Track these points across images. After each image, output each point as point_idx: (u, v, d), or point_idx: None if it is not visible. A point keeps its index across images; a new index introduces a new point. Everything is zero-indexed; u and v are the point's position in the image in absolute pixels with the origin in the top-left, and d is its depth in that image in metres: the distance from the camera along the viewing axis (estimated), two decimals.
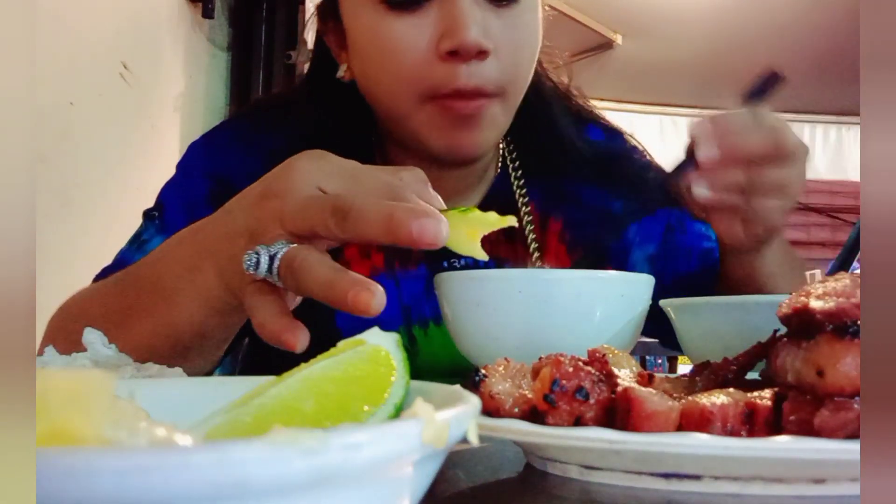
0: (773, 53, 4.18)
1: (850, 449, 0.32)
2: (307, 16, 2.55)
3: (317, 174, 0.50)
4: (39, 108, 1.56)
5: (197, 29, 2.28)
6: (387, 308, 0.80)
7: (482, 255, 0.50)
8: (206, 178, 0.85)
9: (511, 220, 0.50)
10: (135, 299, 0.63)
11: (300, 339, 0.44)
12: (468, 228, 0.50)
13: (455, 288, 0.63)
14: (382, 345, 0.32)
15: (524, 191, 0.90)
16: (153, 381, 0.41)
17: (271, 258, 0.46)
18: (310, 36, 0.90)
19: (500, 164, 0.92)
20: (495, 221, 0.50)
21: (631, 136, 0.99)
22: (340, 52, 0.83)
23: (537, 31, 0.79)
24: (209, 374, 0.70)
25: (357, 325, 0.36)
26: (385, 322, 0.35)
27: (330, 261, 0.45)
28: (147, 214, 0.85)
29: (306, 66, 0.95)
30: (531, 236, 0.88)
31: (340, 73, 0.82)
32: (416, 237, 0.43)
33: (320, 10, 0.84)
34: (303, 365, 0.31)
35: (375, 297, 0.42)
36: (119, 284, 0.68)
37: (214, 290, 0.55)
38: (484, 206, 0.59)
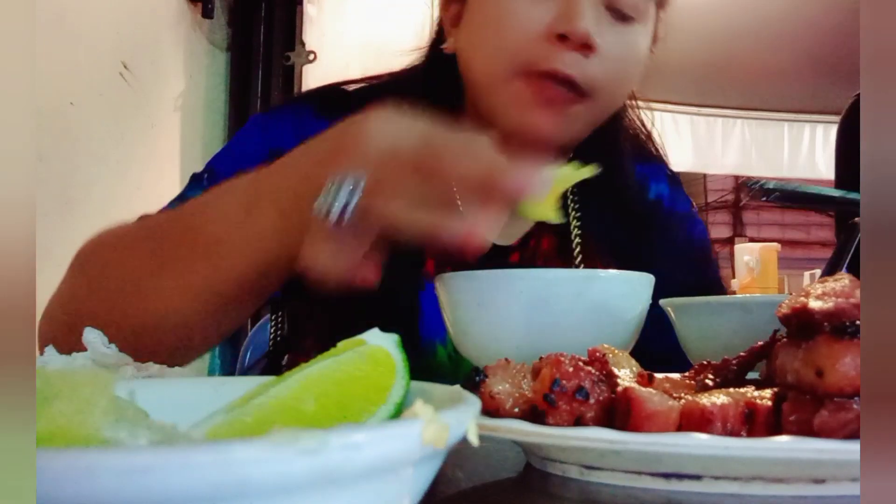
0: (773, 53, 4.19)
1: (850, 449, 0.32)
2: (305, 18, 2.55)
3: (391, 134, 0.49)
4: (39, 108, 1.56)
5: (196, 29, 2.28)
6: (437, 314, 0.80)
7: (556, 217, 0.50)
8: (264, 147, 0.84)
9: (589, 171, 0.51)
10: (173, 249, 0.61)
11: (373, 273, 0.47)
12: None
13: (456, 288, 0.63)
14: (382, 345, 0.32)
15: (578, 213, 0.91)
16: (153, 381, 0.41)
17: (347, 200, 0.46)
18: (308, 38, 0.91)
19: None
20: (572, 175, 0.50)
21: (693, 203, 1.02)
22: (451, 29, 0.86)
23: (642, 59, 0.83)
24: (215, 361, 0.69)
25: (439, 329, 0.36)
26: (434, 327, 0.35)
27: (407, 205, 0.46)
28: (194, 177, 0.83)
29: (305, 67, 0.96)
30: (578, 258, 0.88)
31: (446, 45, 0.86)
32: (515, 189, 0.45)
33: None
34: (303, 365, 0.31)
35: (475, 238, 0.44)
36: (156, 232, 0.65)
37: (268, 235, 0.55)
38: (542, 224, 0.60)
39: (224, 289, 0.59)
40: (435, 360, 0.82)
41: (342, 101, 0.89)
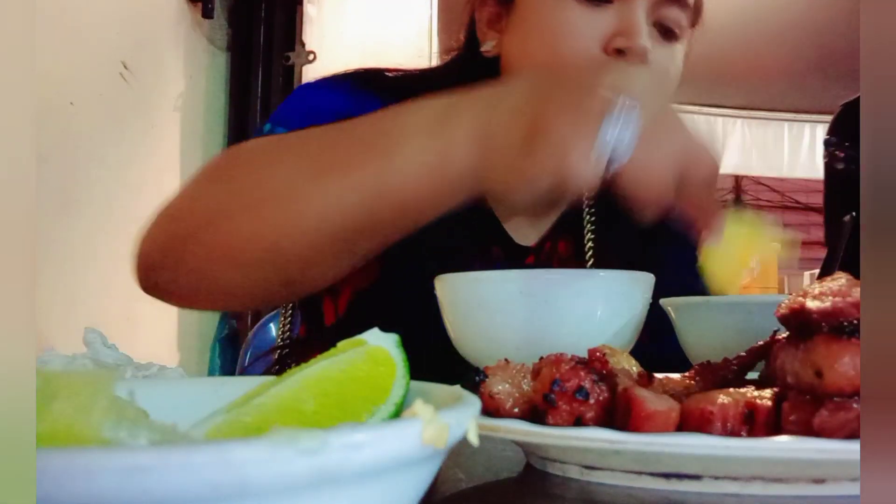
0: (773, 53, 4.19)
1: (850, 449, 0.32)
2: (305, 18, 2.55)
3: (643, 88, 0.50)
4: (39, 108, 1.56)
5: (196, 29, 2.29)
6: None
7: (734, 288, 0.53)
8: (333, 105, 0.81)
9: (783, 246, 0.54)
10: (343, 153, 0.58)
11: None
12: (741, 244, 0.50)
13: (455, 289, 0.63)
14: (382, 345, 0.32)
15: (593, 219, 0.91)
16: (153, 381, 0.41)
17: (625, 132, 0.48)
18: (308, 38, 0.91)
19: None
20: (771, 248, 0.50)
21: None
22: (488, 31, 0.86)
23: (678, 75, 0.85)
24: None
25: None
26: None
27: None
28: (262, 127, 0.82)
29: (305, 68, 0.95)
30: (591, 261, 0.88)
31: (486, 47, 0.85)
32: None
33: None
34: (303, 365, 0.31)
35: None
36: (320, 139, 0.62)
37: (458, 151, 0.53)
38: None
39: (393, 196, 0.56)
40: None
41: (380, 79, 0.88)
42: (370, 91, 0.84)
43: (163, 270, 0.66)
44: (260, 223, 0.59)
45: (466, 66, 0.89)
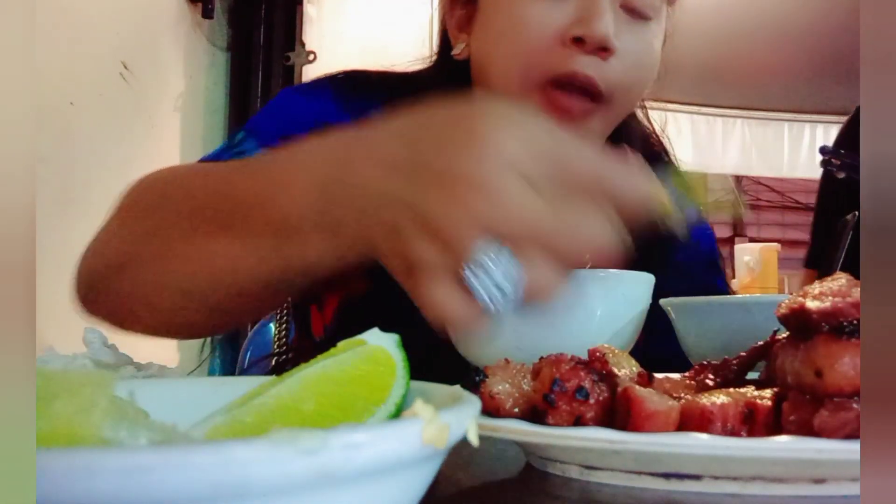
0: (773, 53, 4.18)
1: (850, 449, 0.32)
2: (305, 18, 2.56)
3: (520, 157, 0.40)
4: (39, 108, 1.56)
5: (197, 29, 2.29)
6: None
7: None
8: (310, 116, 0.80)
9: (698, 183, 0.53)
10: (232, 215, 0.54)
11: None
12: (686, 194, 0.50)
13: None
14: (382, 345, 0.32)
15: None
16: (153, 381, 0.41)
17: (503, 277, 0.39)
18: (308, 38, 0.90)
19: None
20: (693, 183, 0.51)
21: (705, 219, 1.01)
22: (459, 34, 0.85)
23: (657, 57, 0.82)
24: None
25: None
26: None
27: None
28: (229, 140, 0.80)
29: (305, 68, 0.95)
30: (588, 265, 0.88)
31: (457, 51, 0.84)
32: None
33: None
34: (302, 365, 0.31)
35: None
36: (213, 188, 0.58)
37: (348, 238, 0.47)
38: None
39: (285, 267, 0.52)
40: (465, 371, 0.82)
41: (365, 81, 0.87)
42: (354, 94, 0.84)
43: (92, 303, 0.65)
44: (168, 275, 0.57)
45: (442, 71, 0.88)
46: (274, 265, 0.52)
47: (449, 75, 0.86)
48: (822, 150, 0.72)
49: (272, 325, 1.30)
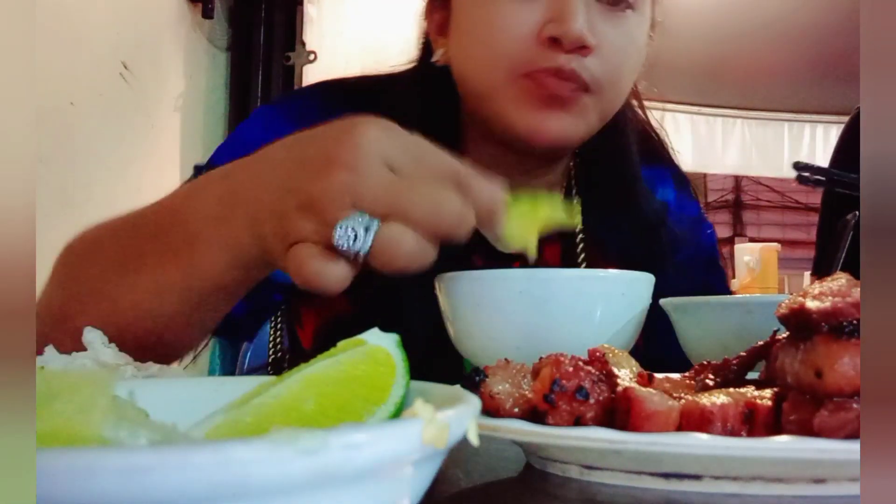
0: (773, 53, 4.19)
1: (850, 449, 0.32)
2: (305, 18, 2.56)
3: (385, 147, 0.47)
4: (39, 108, 1.56)
5: (197, 29, 2.29)
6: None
7: (531, 252, 0.50)
8: (266, 141, 0.82)
9: (571, 220, 0.52)
10: (150, 243, 0.59)
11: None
12: (526, 220, 0.51)
13: (455, 288, 0.63)
14: (382, 345, 0.32)
15: (583, 219, 0.89)
16: (153, 381, 0.41)
17: (366, 234, 0.45)
18: (309, 38, 0.90)
19: (564, 190, 0.91)
20: (553, 214, 0.52)
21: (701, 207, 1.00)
22: (438, 38, 0.84)
23: (643, 42, 0.80)
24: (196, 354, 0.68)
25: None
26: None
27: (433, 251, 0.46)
28: (197, 169, 0.82)
29: (305, 67, 0.95)
30: (583, 265, 0.87)
31: (436, 56, 0.84)
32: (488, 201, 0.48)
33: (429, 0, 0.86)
34: (302, 365, 0.31)
35: None
36: (133, 225, 0.62)
37: (244, 242, 0.52)
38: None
39: (201, 287, 0.57)
40: (463, 371, 0.82)
41: (347, 95, 0.87)
42: (333, 104, 0.84)
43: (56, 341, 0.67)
44: (99, 321, 0.56)
45: (423, 75, 0.87)
46: (185, 286, 0.57)
47: (429, 80, 0.85)
48: (796, 166, 0.71)
49: (268, 328, 1.30)
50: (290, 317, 0.93)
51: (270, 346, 0.95)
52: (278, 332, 0.94)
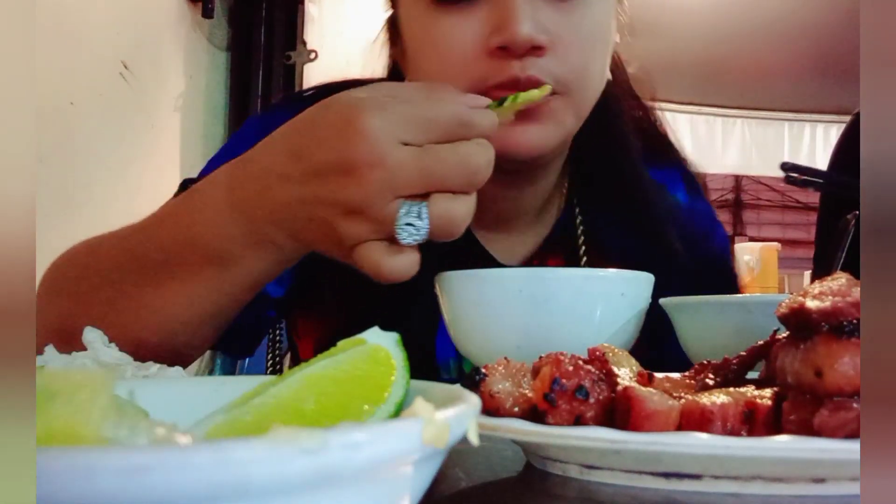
0: (773, 53, 4.18)
1: (850, 449, 0.32)
2: (306, 17, 2.55)
3: (393, 128, 0.48)
4: (39, 108, 1.56)
5: (197, 29, 2.28)
6: (440, 338, 0.77)
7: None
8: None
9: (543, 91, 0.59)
10: (175, 259, 0.59)
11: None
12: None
13: (455, 287, 0.63)
14: (382, 344, 0.32)
15: (583, 228, 0.87)
16: (153, 381, 0.41)
17: (422, 221, 0.48)
18: (309, 37, 0.90)
19: (565, 198, 0.89)
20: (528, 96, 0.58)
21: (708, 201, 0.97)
22: (404, 63, 0.81)
23: (606, 28, 0.75)
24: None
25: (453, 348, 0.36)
26: (446, 350, 0.35)
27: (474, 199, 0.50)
28: (185, 184, 0.81)
29: (306, 67, 0.95)
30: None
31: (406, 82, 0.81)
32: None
33: (388, 22, 0.84)
34: (303, 364, 0.31)
35: None
36: (139, 253, 0.62)
37: (291, 249, 0.55)
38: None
39: (233, 292, 0.59)
40: (449, 375, 0.81)
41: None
42: None
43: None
44: (116, 331, 0.57)
45: None
46: (221, 290, 0.59)
47: None
48: (783, 167, 0.71)
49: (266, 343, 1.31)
50: (289, 329, 0.93)
51: (269, 360, 0.95)
52: (276, 347, 0.94)
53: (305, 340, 0.89)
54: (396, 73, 0.86)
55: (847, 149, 1.33)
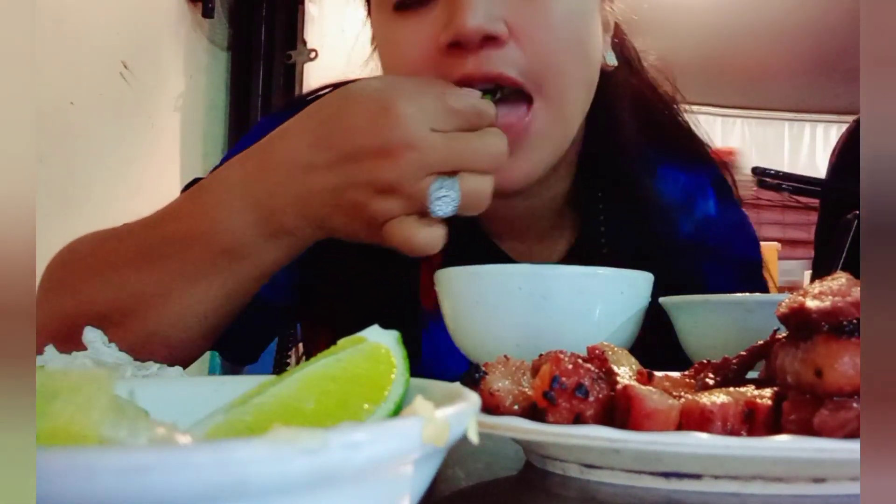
0: (773, 52, 4.18)
1: (849, 448, 0.32)
2: (307, 16, 2.55)
3: (424, 116, 0.54)
4: (39, 108, 1.56)
5: (197, 29, 2.28)
6: (435, 361, 0.78)
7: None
8: None
9: None
10: (193, 257, 0.60)
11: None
12: None
13: (455, 285, 0.63)
14: (382, 342, 0.32)
15: (604, 230, 0.83)
16: (153, 381, 0.41)
17: (454, 193, 0.54)
18: (310, 37, 0.90)
19: (569, 196, 0.84)
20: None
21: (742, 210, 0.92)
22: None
23: (581, 19, 0.69)
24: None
25: (438, 373, 0.39)
26: (433, 374, 0.36)
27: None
28: (193, 183, 0.79)
29: (306, 66, 0.95)
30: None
31: None
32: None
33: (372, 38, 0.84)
34: (303, 364, 0.31)
35: None
36: (147, 246, 0.63)
37: (308, 237, 0.59)
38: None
39: (244, 283, 0.61)
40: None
41: None
42: None
43: None
44: (123, 333, 0.58)
45: None
46: (232, 282, 0.61)
47: None
48: (754, 171, 0.70)
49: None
50: (297, 337, 0.93)
51: (277, 359, 0.95)
52: (285, 354, 0.95)
53: (321, 346, 0.89)
54: None
55: (846, 153, 1.33)
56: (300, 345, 0.97)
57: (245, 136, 0.88)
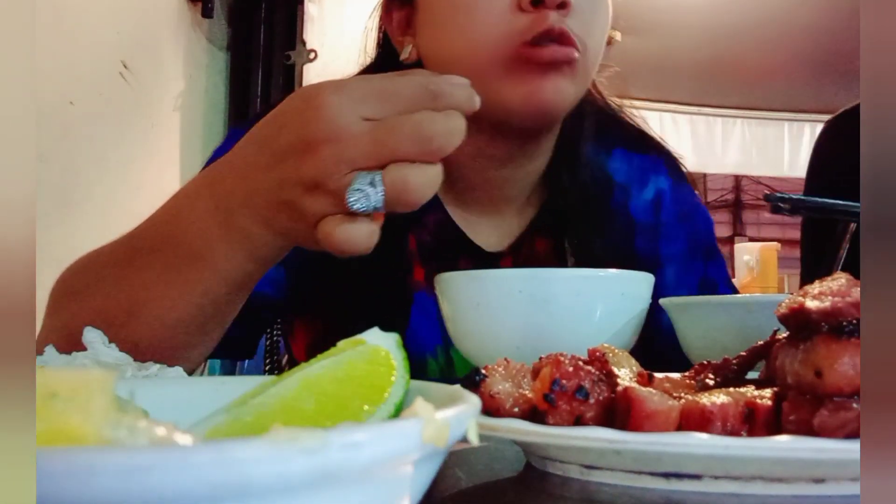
0: (772, 53, 4.18)
1: (849, 449, 0.32)
2: (306, 17, 2.55)
3: (352, 104, 0.48)
4: (39, 108, 1.56)
5: (196, 29, 2.28)
6: (425, 325, 0.78)
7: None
8: None
9: None
10: (151, 260, 0.60)
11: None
12: None
13: (455, 287, 0.63)
14: (382, 344, 0.32)
15: (574, 217, 0.88)
16: (153, 381, 0.41)
17: (374, 188, 0.48)
18: (309, 37, 0.90)
19: (549, 178, 0.90)
20: None
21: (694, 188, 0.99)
22: (404, 38, 0.83)
23: (609, 9, 0.79)
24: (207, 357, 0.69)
25: (429, 342, 0.36)
26: (424, 339, 0.35)
27: (439, 168, 0.49)
28: None
29: (305, 66, 0.95)
30: (571, 260, 0.86)
31: (405, 55, 0.82)
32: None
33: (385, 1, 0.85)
34: (303, 364, 0.31)
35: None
36: (132, 250, 0.64)
37: (262, 240, 0.55)
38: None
39: (212, 292, 0.59)
40: (426, 375, 0.81)
41: None
42: None
43: None
44: (125, 331, 0.58)
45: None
46: (199, 290, 0.59)
47: None
48: (767, 198, 0.71)
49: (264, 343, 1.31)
50: (285, 331, 0.93)
51: (266, 361, 0.95)
52: (274, 350, 0.95)
53: (299, 342, 0.90)
54: (387, 46, 0.87)
55: (821, 155, 1.33)
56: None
57: (218, 147, 0.88)
